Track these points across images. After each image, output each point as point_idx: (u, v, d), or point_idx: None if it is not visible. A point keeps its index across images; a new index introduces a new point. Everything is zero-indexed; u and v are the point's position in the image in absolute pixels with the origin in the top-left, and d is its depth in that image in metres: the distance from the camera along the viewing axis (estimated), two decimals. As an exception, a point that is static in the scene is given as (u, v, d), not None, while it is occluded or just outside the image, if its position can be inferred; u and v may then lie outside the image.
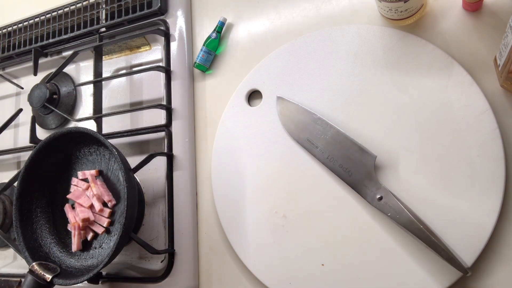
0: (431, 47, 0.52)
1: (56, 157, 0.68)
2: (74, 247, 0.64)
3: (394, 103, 0.53)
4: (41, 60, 0.83)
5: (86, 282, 0.62)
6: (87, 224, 0.64)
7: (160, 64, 0.72)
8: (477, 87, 0.49)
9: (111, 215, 0.64)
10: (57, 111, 0.76)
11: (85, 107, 0.79)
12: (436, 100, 0.51)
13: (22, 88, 0.88)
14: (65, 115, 0.75)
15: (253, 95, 0.64)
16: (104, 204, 0.64)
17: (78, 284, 0.60)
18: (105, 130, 0.72)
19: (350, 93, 0.56)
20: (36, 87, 0.79)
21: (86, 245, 0.65)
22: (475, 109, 0.49)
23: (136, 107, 0.71)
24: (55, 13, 0.82)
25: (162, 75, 0.70)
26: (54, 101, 0.79)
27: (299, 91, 0.59)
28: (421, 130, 0.51)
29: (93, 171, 0.66)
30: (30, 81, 0.86)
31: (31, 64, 0.81)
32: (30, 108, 0.81)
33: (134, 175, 0.62)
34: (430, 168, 0.50)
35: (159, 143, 0.69)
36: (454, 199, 0.48)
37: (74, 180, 0.67)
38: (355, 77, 0.56)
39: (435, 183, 0.49)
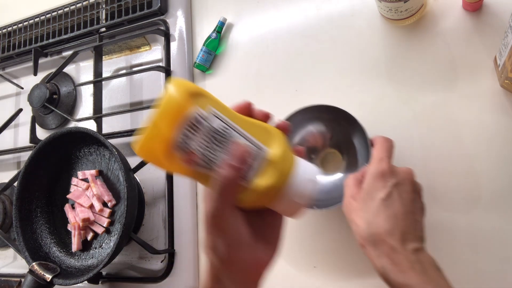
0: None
1: (56, 157, 0.68)
2: (74, 247, 0.64)
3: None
4: (41, 60, 0.83)
5: (86, 282, 0.62)
6: (87, 224, 0.64)
7: (160, 64, 0.72)
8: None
9: (111, 215, 0.64)
10: (57, 111, 0.76)
11: (85, 107, 0.79)
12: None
13: (22, 88, 0.88)
14: (65, 115, 0.75)
15: (253, 95, 0.64)
16: (104, 204, 0.64)
17: (78, 284, 0.60)
18: (105, 130, 0.72)
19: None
20: (36, 87, 0.79)
21: (86, 245, 0.65)
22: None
23: (136, 107, 0.71)
24: (55, 13, 0.82)
25: (162, 75, 0.70)
26: (54, 101, 0.79)
27: (299, 91, 0.59)
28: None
29: (93, 171, 0.66)
30: (30, 81, 0.86)
31: (31, 64, 0.81)
32: (30, 108, 0.81)
33: (134, 175, 0.62)
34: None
35: (159, 143, 0.69)
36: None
37: (74, 180, 0.67)
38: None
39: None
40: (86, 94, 0.79)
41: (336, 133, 0.54)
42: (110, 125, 0.73)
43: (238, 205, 0.29)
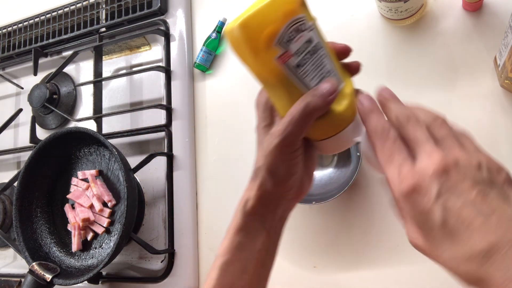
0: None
1: (56, 157, 0.68)
2: (74, 247, 0.64)
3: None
4: (41, 60, 0.83)
5: (86, 282, 0.62)
6: (87, 224, 0.64)
7: (160, 64, 0.72)
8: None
9: (111, 215, 0.64)
10: (57, 111, 0.76)
11: (85, 107, 0.79)
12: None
13: (22, 88, 0.88)
14: (65, 115, 0.75)
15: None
16: (104, 204, 0.64)
17: (78, 284, 0.60)
18: (105, 130, 0.72)
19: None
20: (36, 87, 0.79)
21: (86, 245, 0.65)
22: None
23: (136, 107, 0.71)
24: (55, 13, 0.82)
25: (162, 75, 0.70)
26: (54, 101, 0.79)
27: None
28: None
29: (93, 171, 0.66)
30: (30, 81, 0.86)
31: (31, 64, 0.81)
32: (30, 108, 0.81)
33: (134, 175, 0.62)
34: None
35: (159, 143, 0.69)
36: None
37: (74, 180, 0.67)
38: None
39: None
40: (86, 94, 0.79)
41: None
42: (110, 125, 0.73)
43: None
